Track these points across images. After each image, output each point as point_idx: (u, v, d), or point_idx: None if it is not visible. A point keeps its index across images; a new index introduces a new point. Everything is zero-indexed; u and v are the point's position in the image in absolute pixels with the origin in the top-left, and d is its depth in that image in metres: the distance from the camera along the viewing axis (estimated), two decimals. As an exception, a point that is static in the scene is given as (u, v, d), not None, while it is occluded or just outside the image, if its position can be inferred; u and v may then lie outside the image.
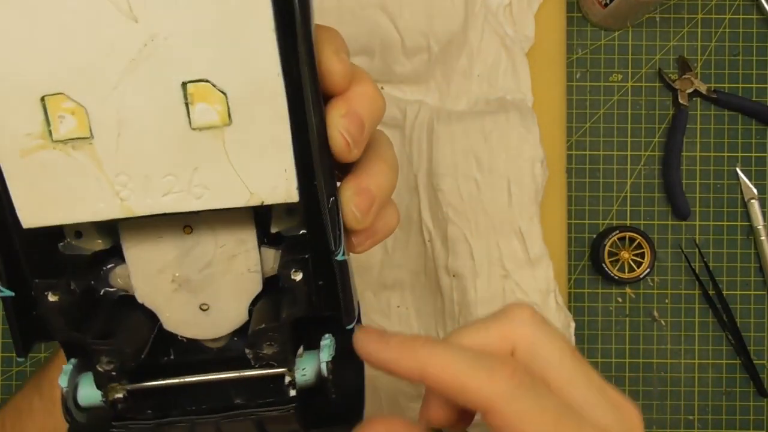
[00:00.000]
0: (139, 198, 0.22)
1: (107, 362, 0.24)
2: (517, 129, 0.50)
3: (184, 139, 0.22)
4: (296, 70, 0.22)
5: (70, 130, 0.21)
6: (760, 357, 0.60)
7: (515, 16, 0.55)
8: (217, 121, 0.22)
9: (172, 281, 0.25)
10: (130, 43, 0.20)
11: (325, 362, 0.25)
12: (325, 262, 0.24)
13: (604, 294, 0.60)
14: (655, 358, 0.60)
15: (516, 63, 0.54)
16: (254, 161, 0.22)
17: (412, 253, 0.51)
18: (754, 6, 0.61)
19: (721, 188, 0.61)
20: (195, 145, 0.22)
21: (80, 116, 0.21)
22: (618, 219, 0.61)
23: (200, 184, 0.22)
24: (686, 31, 0.61)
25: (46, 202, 0.22)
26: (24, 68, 0.20)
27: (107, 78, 0.21)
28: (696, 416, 0.60)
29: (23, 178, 0.21)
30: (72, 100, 0.21)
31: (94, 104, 0.21)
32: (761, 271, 0.60)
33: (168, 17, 0.20)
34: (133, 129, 0.21)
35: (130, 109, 0.21)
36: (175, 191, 0.22)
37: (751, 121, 0.61)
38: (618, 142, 0.61)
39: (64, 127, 0.21)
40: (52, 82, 0.20)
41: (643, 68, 0.61)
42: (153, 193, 0.22)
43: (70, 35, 0.20)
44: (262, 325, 0.24)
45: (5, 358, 0.59)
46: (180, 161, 0.22)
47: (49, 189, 0.22)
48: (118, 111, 0.21)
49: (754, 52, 0.61)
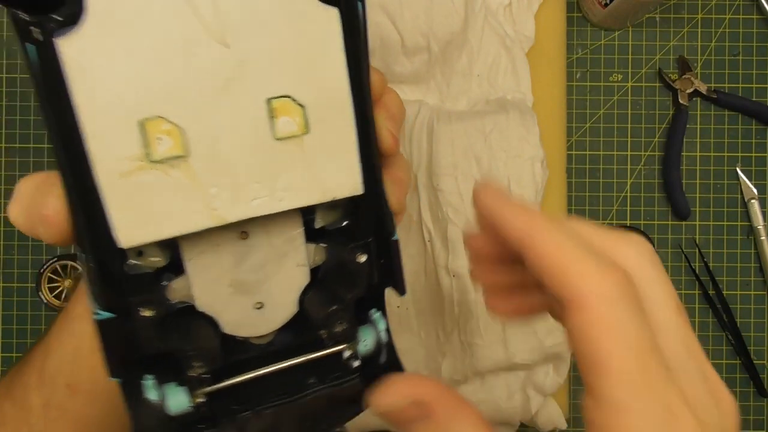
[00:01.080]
0: (229, 206, 0.24)
1: (199, 366, 0.26)
2: (517, 129, 0.50)
3: (269, 149, 0.24)
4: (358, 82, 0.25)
5: (168, 150, 0.23)
6: (760, 357, 0.60)
7: (515, 16, 0.55)
8: (297, 131, 0.24)
9: (230, 285, 0.27)
10: (222, 66, 0.23)
11: (383, 330, 0.29)
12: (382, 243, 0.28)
13: (604, 294, 0.60)
14: (655, 358, 0.60)
15: (516, 63, 0.54)
16: (327, 162, 0.25)
17: (412, 253, 0.51)
18: (754, 6, 0.61)
19: (721, 188, 0.61)
20: (278, 153, 0.24)
21: (176, 136, 0.23)
22: (618, 219, 0.61)
23: (282, 187, 0.25)
24: (686, 31, 0.61)
25: (143, 221, 0.23)
26: (124, 95, 0.21)
27: (201, 99, 0.23)
28: (696, 416, 0.60)
29: (121, 199, 0.22)
30: (169, 122, 0.22)
31: (189, 124, 0.23)
32: (761, 271, 0.60)
33: (255, 43, 0.23)
34: (223, 144, 0.23)
35: (221, 126, 0.23)
36: (261, 197, 0.24)
37: (751, 121, 0.61)
38: (618, 142, 0.61)
39: (161, 148, 0.22)
40: (151, 107, 0.22)
41: (643, 68, 0.61)
42: (241, 200, 0.24)
43: (168, 62, 0.22)
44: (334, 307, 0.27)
45: (5, 358, 0.59)
46: (265, 169, 0.24)
47: (145, 208, 0.23)
48: (210, 129, 0.23)
49: (754, 52, 0.61)
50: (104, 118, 0.22)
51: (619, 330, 0.21)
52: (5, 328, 0.59)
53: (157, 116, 0.22)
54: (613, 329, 0.21)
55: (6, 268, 0.59)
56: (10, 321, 0.59)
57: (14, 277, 0.59)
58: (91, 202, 0.22)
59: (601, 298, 0.21)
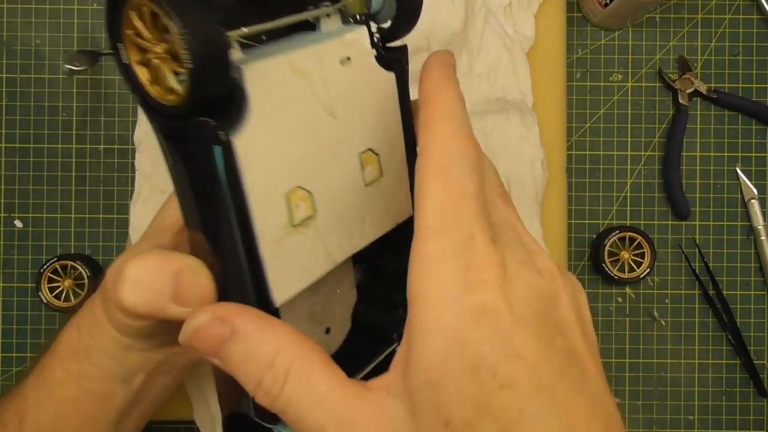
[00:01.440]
0: (338, 249, 0.28)
1: None
2: (517, 129, 0.50)
3: (361, 195, 0.28)
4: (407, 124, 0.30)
5: (303, 213, 0.26)
6: (760, 357, 0.60)
7: (515, 16, 0.55)
8: (376, 176, 0.29)
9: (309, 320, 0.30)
10: (333, 134, 0.27)
11: None
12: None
13: (604, 294, 0.60)
14: (655, 358, 0.60)
15: (516, 63, 0.54)
16: (393, 196, 0.30)
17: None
18: (754, 6, 0.61)
19: (721, 188, 0.61)
20: (366, 197, 0.29)
21: (308, 201, 0.26)
22: (618, 219, 0.61)
23: (368, 223, 0.29)
24: (686, 31, 0.61)
25: (287, 279, 0.26)
26: (275, 173, 0.25)
27: (321, 164, 0.27)
28: (696, 416, 0.60)
29: (276, 261, 0.25)
30: (303, 189, 0.26)
31: (315, 187, 0.26)
32: (761, 271, 0.60)
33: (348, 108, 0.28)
34: (335, 197, 0.27)
35: (333, 183, 0.27)
36: (356, 236, 0.28)
37: (751, 121, 0.61)
38: (618, 142, 0.61)
39: (299, 213, 0.26)
40: (292, 179, 0.26)
41: (643, 68, 0.61)
42: (345, 242, 0.28)
43: (302, 139, 0.26)
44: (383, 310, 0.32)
45: (5, 358, 0.59)
46: (359, 212, 0.28)
47: (288, 267, 0.26)
48: (327, 187, 0.27)
49: (754, 52, 0.61)
50: (264, 195, 0.25)
51: (451, 173, 0.23)
52: (5, 328, 0.59)
53: (297, 186, 0.26)
54: (447, 176, 0.23)
55: (6, 268, 0.59)
56: (10, 321, 0.59)
57: (14, 277, 0.59)
58: (256, 271, 0.25)
59: (451, 151, 0.23)
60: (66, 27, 0.60)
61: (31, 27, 0.60)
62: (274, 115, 0.25)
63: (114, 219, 0.58)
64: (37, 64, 0.60)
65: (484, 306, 0.21)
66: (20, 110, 0.59)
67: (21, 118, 0.59)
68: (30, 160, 0.59)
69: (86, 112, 0.60)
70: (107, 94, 0.60)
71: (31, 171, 0.59)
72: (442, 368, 0.21)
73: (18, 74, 0.60)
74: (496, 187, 0.26)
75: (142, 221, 0.47)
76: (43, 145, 0.59)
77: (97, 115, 0.60)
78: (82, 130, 0.59)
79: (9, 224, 0.59)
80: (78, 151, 0.59)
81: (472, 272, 0.21)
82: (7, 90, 0.60)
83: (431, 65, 0.26)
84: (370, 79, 0.29)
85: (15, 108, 0.59)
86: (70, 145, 0.59)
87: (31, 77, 0.60)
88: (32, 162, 0.59)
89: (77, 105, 0.60)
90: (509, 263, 0.22)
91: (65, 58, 0.29)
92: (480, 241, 0.22)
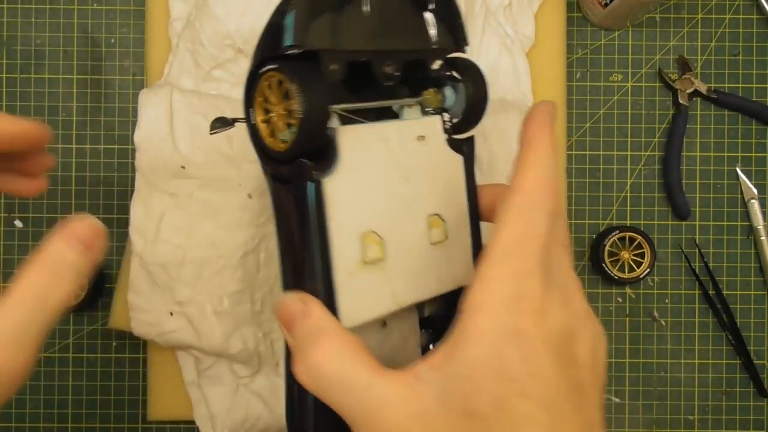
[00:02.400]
0: (403, 293, 0.32)
1: None
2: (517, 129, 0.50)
3: (427, 252, 0.33)
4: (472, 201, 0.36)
5: (374, 254, 0.31)
6: (760, 357, 0.60)
7: (515, 16, 0.55)
8: (442, 238, 0.34)
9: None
10: (405, 195, 0.33)
11: None
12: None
13: (604, 294, 0.60)
14: (655, 358, 0.60)
15: (516, 63, 0.54)
16: (457, 260, 0.34)
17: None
18: (754, 6, 0.61)
19: (721, 188, 0.61)
20: (432, 254, 0.33)
21: (379, 245, 0.32)
22: (618, 219, 0.61)
23: (434, 279, 0.33)
24: (686, 31, 0.61)
25: (356, 307, 0.31)
26: (354, 215, 0.31)
27: (395, 217, 0.32)
28: (696, 416, 0.60)
29: (347, 290, 0.31)
30: (376, 234, 0.32)
31: (386, 235, 0.32)
32: (761, 271, 0.60)
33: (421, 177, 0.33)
34: (404, 248, 0.32)
35: (403, 236, 0.32)
36: (421, 286, 0.33)
37: (751, 121, 0.61)
38: (618, 142, 0.61)
39: (371, 253, 0.31)
40: (367, 224, 0.31)
41: (643, 68, 0.61)
42: (410, 290, 0.33)
43: (379, 193, 0.32)
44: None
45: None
46: (425, 266, 0.33)
47: (357, 297, 0.31)
48: (397, 238, 0.32)
49: (754, 52, 0.61)
50: (342, 231, 0.30)
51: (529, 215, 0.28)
52: (5, 328, 0.59)
53: (371, 230, 0.31)
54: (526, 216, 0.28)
55: (6, 268, 0.59)
56: (10, 321, 0.59)
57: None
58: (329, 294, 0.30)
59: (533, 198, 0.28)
60: (66, 27, 0.60)
61: (31, 27, 0.60)
62: (358, 169, 0.31)
63: (114, 219, 0.58)
64: (37, 64, 0.60)
65: (523, 329, 0.26)
66: (20, 110, 0.59)
67: (21, 118, 0.59)
68: (30, 160, 0.59)
69: (86, 112, 0.60)
70: (107, 94, 0.60)
71: (31, 171, 0.59)
72: (478, 367, 0.26)
73: (18, 74, 0.60)
74: (561, 236, 0.30)
75: (141, 221, 0.47)
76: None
77: (97, 115, 0.60)
78: (82, 130, 0.59)
79: (9, 224, 0.59)
80: (78, 151, 0.59)
81: (521, 300, 0.26)
82: (7, 90, 0.60)
83: (536, 113, 0.32)
84: (441, 156, 0.34)
85: (15, 108, 0.59)
86: (70, 145, 0.59)
87: (31, 77, 0.60)
88: (32, 162, 0.59)
89: (77, 105, 0.60)
90: (551, 300, 0.27)
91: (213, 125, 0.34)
92: (535, 278, 0.27)
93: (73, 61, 0.60)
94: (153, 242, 0.47)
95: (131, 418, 0.58)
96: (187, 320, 0.47)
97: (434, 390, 0.26)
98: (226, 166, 0.48)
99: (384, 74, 0.33)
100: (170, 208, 0.47)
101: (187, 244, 0.48)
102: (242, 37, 0.49)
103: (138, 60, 0.59)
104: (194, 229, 0.48)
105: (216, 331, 0.48)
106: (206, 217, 0.48)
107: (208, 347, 0.48)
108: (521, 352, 0.26)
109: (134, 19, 0.59)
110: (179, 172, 0.48)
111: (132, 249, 0.48)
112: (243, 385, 0.51)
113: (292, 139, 0.30)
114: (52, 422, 0.59)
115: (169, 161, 0.48)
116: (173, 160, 0.48)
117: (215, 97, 0.49)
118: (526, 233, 0.27)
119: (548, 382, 0.26)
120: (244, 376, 0.51)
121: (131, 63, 0.60)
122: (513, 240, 0.27)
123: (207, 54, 0.50)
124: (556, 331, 0.27)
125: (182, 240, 0.48)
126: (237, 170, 0.48)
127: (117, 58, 0.60)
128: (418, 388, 0.27)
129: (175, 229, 0.48)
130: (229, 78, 0.51)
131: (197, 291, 0.48)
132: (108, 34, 0.60)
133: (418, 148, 0.34)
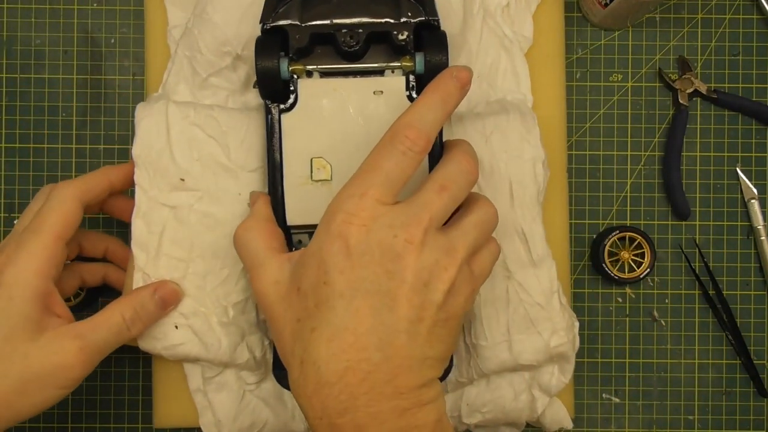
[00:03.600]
0: None
1: None
2: (517, 130, 0.50)
3: None
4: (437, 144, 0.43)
5: (321, 176, 0.43)
6: (760, 357, 0.60)
7: (513, 17, 0.55)
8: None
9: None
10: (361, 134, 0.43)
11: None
12: None
13: (604, 294, 0.61)
14: (655, 358, 0.60)
15: (515, 64, 0.54)
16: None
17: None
18: (754, 6, 0.61)
19: (721, 188, 0.61)
20: None
21: (327, 169, 0.43)
22: (618, 219, 0.61)
23: None
24: (686, 31, 0.61)
25: (302, 212, 0.44)
26: (306, 145, 0.44)
27: (347, 151, 0.43)
28: (696, 416, 0.60)
29: (294, 198, 0.44)
30: (325, 160, 0.43)
31: (335, 164, 0.43)
32: (761, 271, 0.60)
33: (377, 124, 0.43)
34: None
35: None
36: None
37: (751, 121, 0.61)
38: (618, 142, 0.61)
39: (318, 174, 0.43)
40: (317, 152, 0.43)
41: (643, 68, 0.61)
42: None
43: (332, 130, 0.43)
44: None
45: (5, 358, 0.59)
46: None
47: (303, 205, 0.44)
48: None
49: (754, 52, 0.61)
50: (295, 156, 0.44)
51: (377, 157, 0.37)
52: None
53: (320, 157, 0.43)
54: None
55: (6, 268, 0.59)
56: (10, 321, 0.59)
57: (14, 278, 0.59)
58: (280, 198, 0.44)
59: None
60: (66, 27, 0.60)
61: (31, 27, 0.60)
62: (315, 111, 0.43)
63: (114, 219, 0.58)
64: (37, 64, 0.60)
65: (345, 235, 0.35)
66: (20, 110, 0.59)
67: (21, 118, 0.59)
68: (30, 160, 0.59)
69: (86, 112, 0.60)
70: (107, 94, 0.60)
71: (31, 171, 0.59)
72: (309, 257, 0.37)
73: (18, 74, 0.60)
74: (436, 175, 0.39)
75: (142, 235, 0.48)
76: (43, 145, 0.59)
77: (97, 115, 0.60)
78: (82, 130, 0.59)
79: (9, 224, 0.59)
80: (78, 151, 0.59)
81: (353, 215, 0.35)
82: (7, 90, 0.60)
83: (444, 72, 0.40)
84: (400, 108, 0.40)
85: (15, 108, 0.59)
86: (70, 145, 0.59)
87: (31, 77, 0.60)
88: (32, 162, 0.59)
89: (77, 105, 0.59)
90: (384, 221, 0.35)
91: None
92: (366, 199, 0.36)
93: (73, 61, 0.60)
94: (155, 257, 0.47)
95: (131, 418, 0.59)
96: (193, 332, 0.47)
97: (291, 269, 0.38)
98: (224, 176, 0.48)
99: (345, 44, 0.43)
100: (171, 221, 0.48)
101: (189, 257, 0.48)
102: (241, 42, 0.49)
103: (138, 60, 0.59)
104: (196, 241, 0.48)
105: (222, 342, 0.48)
106: (207, 228, 0.48)
107: (215, 359, 0.48)
108: (338, 250, 0.35)
109: (134, 19, 0.59)
110: (179, 185, 0.48)
111: (135, 264, 0.48)
112: (249, 392, 0.51)
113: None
114: (52, 422, 0.59)
115: (168, 174, 0.48)
116: (172, 172, 0.47)
117: (211, 108, 0.49)
118: (373, 164, 0.36)
119: (349, 279, 0.35)
120: (251, 383, 0.51)
121: (131, 63, 0.60)
122: (363, 167, 0.37)
123: (205, 61, 0.50)
124: (377, 243, 0.35)
125: (184, 253, 0.48)
126: (235, 180, 0.48)
127: (117, 58, 0.60)
128: (284, 266, 0.38)
129: (176, 243, 0.48)
130: (227, 86, 0.51)
131: (201, 303, 0.48)
132: (108, 34, 0.60)
133: (376, 100, 0.43)
